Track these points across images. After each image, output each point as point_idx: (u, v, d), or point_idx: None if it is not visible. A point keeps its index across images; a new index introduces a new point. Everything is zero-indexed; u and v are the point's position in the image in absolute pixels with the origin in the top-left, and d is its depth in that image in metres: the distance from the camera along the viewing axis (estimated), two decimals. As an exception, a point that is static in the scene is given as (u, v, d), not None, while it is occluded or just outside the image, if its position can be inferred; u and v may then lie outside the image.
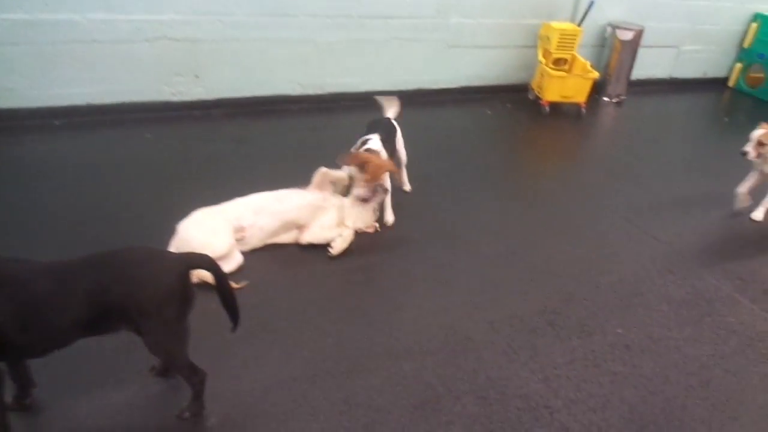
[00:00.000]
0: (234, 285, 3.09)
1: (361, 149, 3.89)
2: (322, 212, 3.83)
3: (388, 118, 4.34)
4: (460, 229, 4.20)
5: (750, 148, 4.21)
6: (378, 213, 4.06)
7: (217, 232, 3.41)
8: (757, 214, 4.63)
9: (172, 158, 4.78)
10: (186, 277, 2.25)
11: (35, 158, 4.59)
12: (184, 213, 3.51)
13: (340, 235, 3.73)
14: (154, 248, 2.35)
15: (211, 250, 3.15)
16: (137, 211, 3.93)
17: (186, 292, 2.25)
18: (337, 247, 3.67)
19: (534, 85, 6.93)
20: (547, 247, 4.10)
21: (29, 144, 4.78)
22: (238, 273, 3.43)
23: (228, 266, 3.37)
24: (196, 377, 2.38)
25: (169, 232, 3.43)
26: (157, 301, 2.14)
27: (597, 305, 3.55)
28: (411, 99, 6.28)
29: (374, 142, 3.94)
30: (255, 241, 3.64)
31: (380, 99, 4.52)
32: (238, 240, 3.55)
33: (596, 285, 3.74)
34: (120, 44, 5.11)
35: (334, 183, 3.97)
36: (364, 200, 3.84)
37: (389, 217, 4.07)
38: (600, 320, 3.42)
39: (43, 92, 5.04)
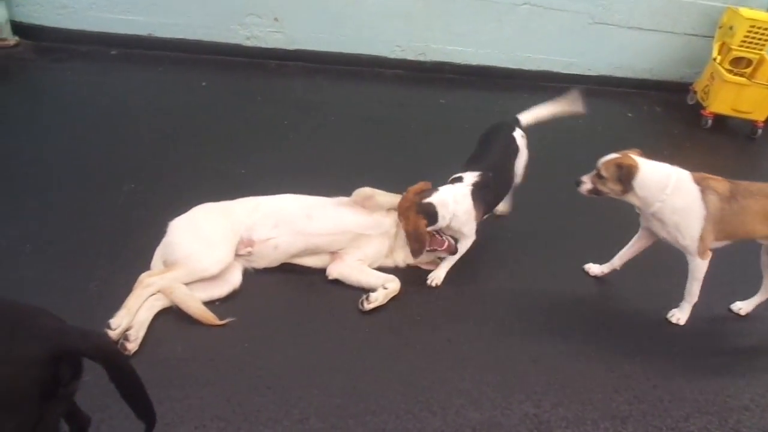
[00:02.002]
0: (213, 321, 2.41)
1: (426, 197, 2.66)
2: (365, 241, 2.81)
3: (513, 132, 3.03)
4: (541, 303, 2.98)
5: None
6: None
7: (214, 243, 2.54)
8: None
9: (223, 115, 4.04)
10: (47, 366, 1.40)
11: (80, 88, 4.11)
12: (206, 192, 2.85)
13: (384, 287, 2.68)
14: (13, 307, 1.49)
15: (200, 265, 2.46)
16: (163, 170, 3.36)
17: (48, 388, 1.42)
18: (376, 301, 2.64)
19: (698, 87, 5.55)
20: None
21: (78, 72, 4.29)
22: (228, 300, 2.57)
23: (218, 289, 2.53)
24: None
25: (188, 205, 2.74)
26: None
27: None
28: (532, 82, 5.27)
29: (457, 191, 2.71)
30: (266, 261, 2.71)
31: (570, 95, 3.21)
32: (242, 255, 2.64)
33: None
34: (193, -30, 4.45)
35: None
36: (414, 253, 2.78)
37: (436, 274, 2.84)
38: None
39: (102, 15, 4.48)
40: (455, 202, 2.67)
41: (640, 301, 2.89)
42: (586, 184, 2.67)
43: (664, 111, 5.47)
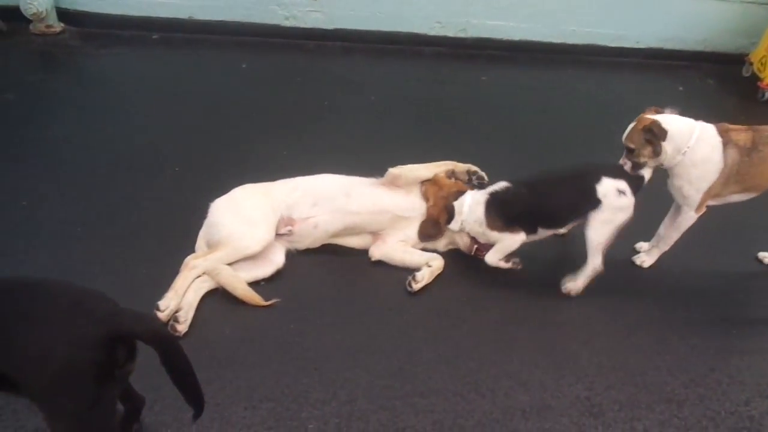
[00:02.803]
0: (258, 302, 2.41)
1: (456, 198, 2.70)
2: (406, 223, 2.77)
3: (596, 183, 2.49)
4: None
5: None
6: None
7: (254, 221, 2.55)
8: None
9: (264, 97, 4.03)
10: (103, 349, 1.43)
11: (125, 73, 4.17)
12: (248, 173, 2.87)
13: (428, 265, 2.66)
14: (70, 291, 1.51)
15: (242, 243, 2.48)
16: (206, 153, 3.37)
17: (104, 369, 1.45)
18: (422, 280, 2.61)
19: (754, 58, 5.28)
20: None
21: (122, 57, 4.34)
22: (273, 280, 2.58)
23: (262, 270, 2.54)
24: None
25: (230, 186, 2.76)
26: (50, 383, 1.39)
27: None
28: (577, 57, 5.10)
29: (474, 199, 2.65)
30: (308, 241, 2.71)
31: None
32: (283, 235, 2.63)
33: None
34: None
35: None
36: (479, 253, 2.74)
37: (490, 257, 2.69)
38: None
39: (144, 0, 4.50)
40: (469, 210, 2.63)
41: (692, 280, 2.77)
42: (627, 164, 2.54)
43: (717, 84, 5.19)
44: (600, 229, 2.50)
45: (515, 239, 2.60)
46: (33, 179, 2.98)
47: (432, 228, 2.72)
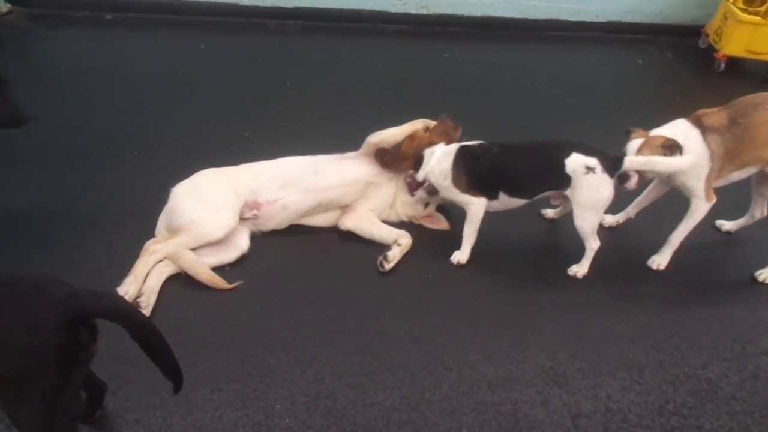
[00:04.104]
0: (222, 285, 2.39)
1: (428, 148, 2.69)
2: (374, 190, 2.78)
3: (566, 157, 2.45)
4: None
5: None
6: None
7: (217, 206, 2.51)
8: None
9: (224, 78, 3.95)
10: (63, 332, 1.40)
11: (76, 55, 4.05)
12: (210, 157, 2.83)
13: (397, 243, 2.66)
14: (20, 277, 1.48)
15: (203, 230, 2.44)
16: (165, 136, 3.31)
17: (67, 353, 1.42)
18: (394, 259, 2.61)
19: (710, 29, 5.37)
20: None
21: (73, 38, 4.19)
22: (238, 264, 2.55)
23: (226, 254, 2.51)
24: None
25: (191, 170, 2.72)
26: (10, 371, 1.38)
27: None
28: (539, 32, 5.13)
29: (444, 150, 2.65)
30: (274, 222, 2.68)
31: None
32: (248, 219, 2.61)
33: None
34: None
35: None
36: (409, 189, 2.78)
37: (460, 255, 2.68)
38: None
39: None
40: (436, 160, 2.62)
41: (653, 251, 2.83)
42: (634, 176, 2.48)
43: (675, 56, 5.26)
44: (585, 215, 2.50)
45: (477, 203, 2.59)
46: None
47: (395, 160, 2.74)
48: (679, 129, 2.52)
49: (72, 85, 3.65)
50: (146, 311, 2.21)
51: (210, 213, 2.47)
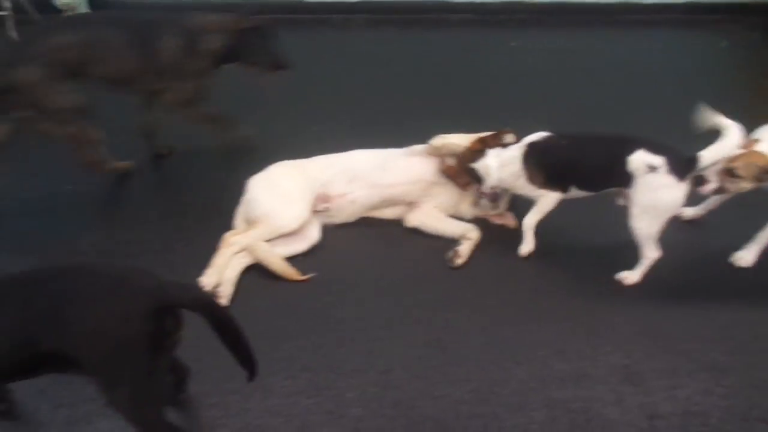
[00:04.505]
0: (295, 276, 2.46)
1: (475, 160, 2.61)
2: (438, 188, 2.77)
3: (629, 154, 2.33)
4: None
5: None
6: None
7: (291, 199, 2.59)
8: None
9: (293, 75, 3.93)
10: (152, 320, 1.49)
11: None
12: (283, 151, 2.89)
13: (467, 237, 2.65)
14: (113, 270, 1.59)
15: (279, 222, 2.53)
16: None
17: (155, 339, 1.52)
18: (465, 255, 2.61)
19: None
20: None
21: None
22: (308, 254, 2.62)
23: (298, 245, 2.58)
24: None
25: (266, 164, 2.81)
26: (106, 356, 1.48)
27: None
28: (611, 16, 4.91)
29: (506, 154, 2.57)
30: (344, 215, 2.75)
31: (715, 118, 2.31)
32: (320, 212, 2.67)
33: None
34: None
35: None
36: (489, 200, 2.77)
37: (524, 247, 2.65)
38: None
39: None
40: (501, 166, 2.55)
41: (738, 246, 2.68)
42: (712, 183, 2.35)
43: (762, 36, 4.94)
44: (641, 217, 2.34)
45: (553, 197, 2.54)
46: (73, 166, 3.08)
47: (452, 176, 2.72)
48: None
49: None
50: (225, 301, 2.32)
51: (284, 205, 2.55)
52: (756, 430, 1.97)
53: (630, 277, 2.51)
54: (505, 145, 2.60)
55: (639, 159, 2.29)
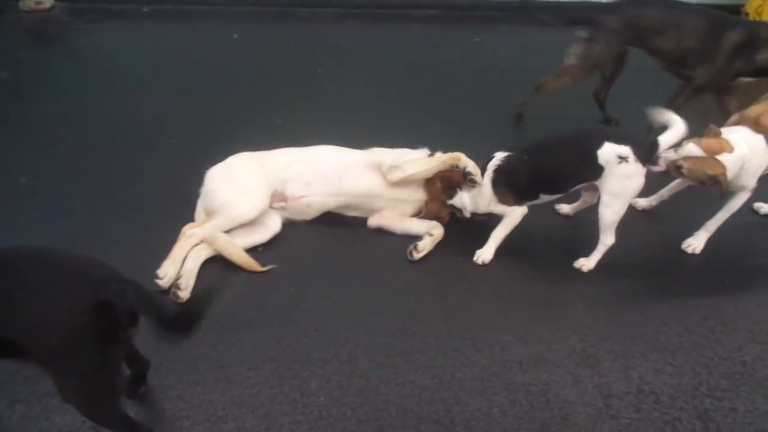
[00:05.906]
0: (255, 267, 2.46)
1: (449, 197, 2.66)
2: (402, 204, 2.78)
3: (597, 149, 2.40)
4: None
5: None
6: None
7: (249, 188, 2.58)
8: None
9: (257, 67, 4.02)
10: (93, 314, 1.45)
11: (116, 47, 4.19)
12: (245, 143, 2.87)
13: (430, 234, 2.68)
14: (65, 260, 1.54)
15: (236, 211, 2.51)
16: (202, 123, 3.40)
17: (104, 332, 1.48)
18: (424, 250, 2.63)
19: (750, 8, 5.32)
20: None
21: (113, 31, 4.32)
22: (271, 245, 2.62)
23: (258, 236, 2.58)
24: None
25: (228, 156, 2.78)
26: (54, 347, 1.44)
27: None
28: (574, 15, 4.95)
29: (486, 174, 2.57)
30: (301, 216, 2.75)
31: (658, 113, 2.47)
32: (277, 209, 2.68)
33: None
34: None
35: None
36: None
37: (484, 253, 2.65)
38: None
39: None
40: (473, 197, 2.59)
41: (687, 234, 2.78)
42: (660, 167, 2.42)
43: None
44: (612, 203, 2.44)
45: (522, 210, 2.59)
46: (31, 155, 3.02)
47: (438, 214, 2.76)
48: (747, 140, 2.41)
49: (113, 76, 3.77)
50: (186, 293, 2.30)
51: (242, 195, 2.53)
52: (704, 405, 2.05)
53: (587, 264, 2.59)
54: (466, 176, 2.57)
55: (608, 151, 2.37)
